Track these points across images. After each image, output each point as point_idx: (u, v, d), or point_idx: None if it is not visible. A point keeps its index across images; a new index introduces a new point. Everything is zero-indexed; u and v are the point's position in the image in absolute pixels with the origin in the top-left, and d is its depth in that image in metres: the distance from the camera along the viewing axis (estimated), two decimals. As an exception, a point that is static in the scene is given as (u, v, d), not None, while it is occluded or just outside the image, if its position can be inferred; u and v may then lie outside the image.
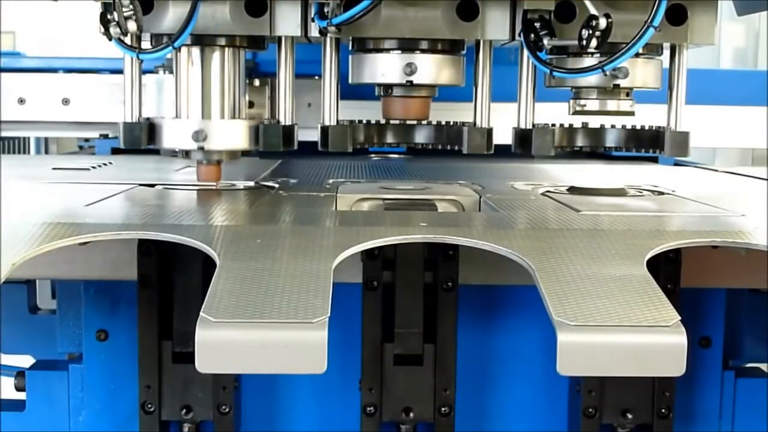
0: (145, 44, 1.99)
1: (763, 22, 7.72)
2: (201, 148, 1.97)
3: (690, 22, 1.98)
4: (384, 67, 2.01)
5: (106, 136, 3.14)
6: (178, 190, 2.06)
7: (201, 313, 1.11)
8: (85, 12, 2.02)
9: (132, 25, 1.81)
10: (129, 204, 1.86)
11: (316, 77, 2.42)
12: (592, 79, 1.97)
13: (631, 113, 2.07)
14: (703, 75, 2.91)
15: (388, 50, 2.00)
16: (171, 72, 2.63)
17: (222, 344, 1.10)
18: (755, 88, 3.14)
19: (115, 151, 3.13)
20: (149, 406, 1.86)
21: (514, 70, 2.05)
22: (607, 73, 1.85)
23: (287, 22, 1.97)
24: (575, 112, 2.07)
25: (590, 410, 1.88)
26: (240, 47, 2.01)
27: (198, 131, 1.95)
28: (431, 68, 2.00)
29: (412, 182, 2.21)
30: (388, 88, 2.06)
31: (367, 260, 1.79)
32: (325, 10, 1.89)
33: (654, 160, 3.13)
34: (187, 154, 2.03)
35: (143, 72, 2.86)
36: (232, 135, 2.00)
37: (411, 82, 1.99)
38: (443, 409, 1.83)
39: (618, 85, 1.99)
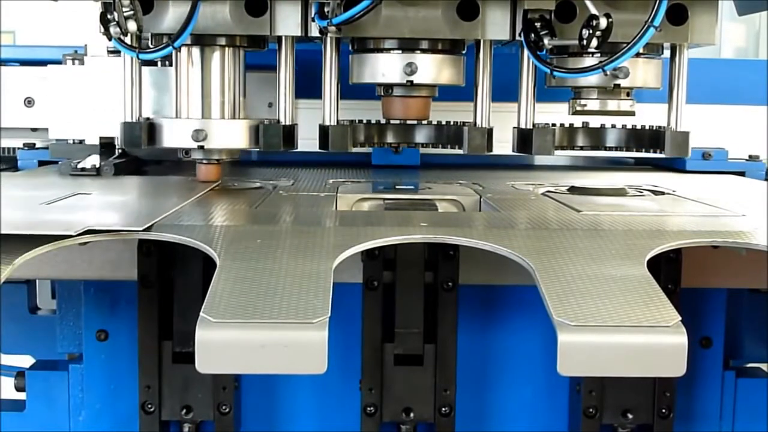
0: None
1: (763, 22, 7.72)
2: (201, 147, 1.97)
3: (691, 22, 1.98)
4: (384, 67, 2.00)
5: (32, 146, 2.54)
6: None
7: (201, 314, 1.11)
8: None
9: (132, 25, 1.81)
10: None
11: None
12: (593, 78, 1.97)
13: (632, 113, 2.07)
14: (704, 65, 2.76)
15: (388, 50, 2.00)
16: (81, 63, 2.41)
17: (222, 344, 1.09)
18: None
19: (42, 164, 2.50)
20: (149, 406, 1.86)
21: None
22: (608, 72, 1.85)
23: (287, 22, 1.97)
24: (575, 112, 2.07)
25: (591, 410, 1.88)
26: (240, 47, 2.01)
27: (198, 130, 1.95)
28: (431, 68, 2.00)
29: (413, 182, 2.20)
30: (388, 88, 2.05)
31: (367, 260, 1.79)
32: (325, 10, 1.89)
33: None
34: (187, 153, 2.03)
35: (51, 63, 2.47)
36: (231, 134, 2.00)
37: (411, 81, 1.99)
38: (443, 409, 1.83)
39: (618, 84, 1.99)
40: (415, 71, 1.98)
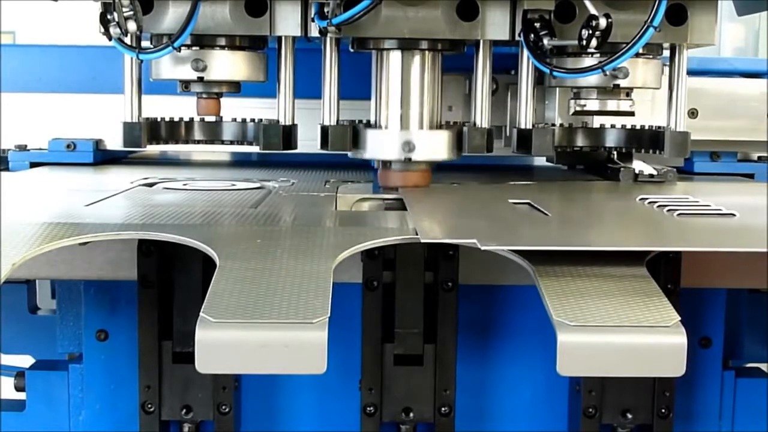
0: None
1: (763, 22, 7.72)
2: (201, 79, 1.95)
3: (690, 22, 1.99)
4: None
5: (23, 147, 2.52)
6: None
7: (201, 313, 1.11)
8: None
9: (132, 25, 1.81)
10: (129, 203, 1.86)
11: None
12: (592, 79, 1.97)
13: (632, 113, 2.07)
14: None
15: (388, 50, 2.00)
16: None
17: (222, 344, 1.10)
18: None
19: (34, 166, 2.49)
20: (149, 406, 1.86)
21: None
22: (607, 73, 1.85)
23: (287, 22, 1.97)
24: (575, 112, 2.07)
25: (590, 410, 1.88)
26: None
27: (197, 59, 1.93)
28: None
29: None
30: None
31: (367, 260, 1.79)
32: (325, 10, 1.89)
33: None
34: (186, 86, 2.01)
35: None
36: (234, 65, 1.97)
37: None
38: (443, 409, 1.83)
39: (618, 85, 1.99)
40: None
